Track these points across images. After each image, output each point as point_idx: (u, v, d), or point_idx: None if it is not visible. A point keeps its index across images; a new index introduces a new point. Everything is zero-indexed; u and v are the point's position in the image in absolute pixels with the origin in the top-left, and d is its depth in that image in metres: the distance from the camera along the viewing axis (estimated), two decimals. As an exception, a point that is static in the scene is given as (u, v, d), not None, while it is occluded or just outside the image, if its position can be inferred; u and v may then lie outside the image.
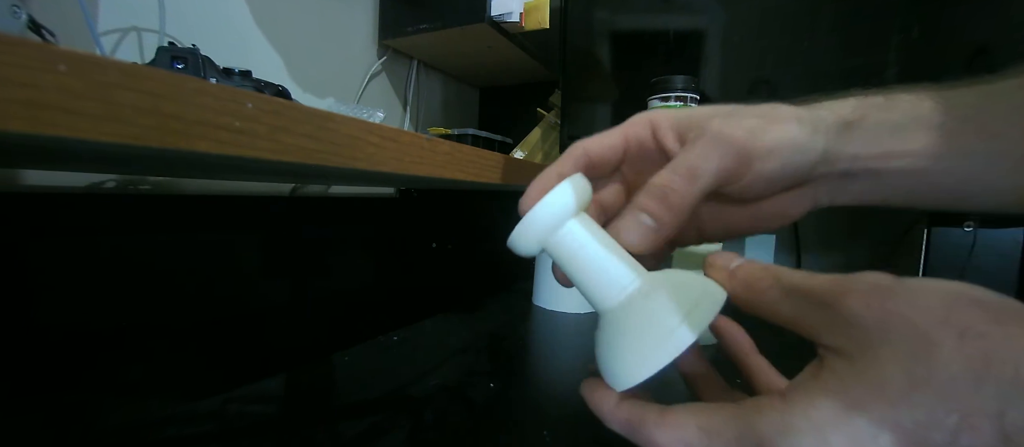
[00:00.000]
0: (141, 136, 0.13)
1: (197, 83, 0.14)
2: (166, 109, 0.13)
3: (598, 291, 0.21)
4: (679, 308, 0.19)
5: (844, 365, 0.15)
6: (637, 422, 0.19)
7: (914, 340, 0.14)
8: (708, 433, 0.17)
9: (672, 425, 0.18)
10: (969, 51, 0.80)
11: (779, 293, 0.18)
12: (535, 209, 0.21)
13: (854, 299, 0.15)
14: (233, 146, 0.15)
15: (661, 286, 0.20)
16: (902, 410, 0.13)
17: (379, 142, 0.22)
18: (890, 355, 0.14)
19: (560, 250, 0.22)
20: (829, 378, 0.15)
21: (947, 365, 0.13)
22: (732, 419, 0.17)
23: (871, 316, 0.15)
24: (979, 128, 0.21)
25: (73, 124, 0.11)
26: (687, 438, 0.17)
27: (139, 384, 0.44)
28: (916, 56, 0.83)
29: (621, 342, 0.20)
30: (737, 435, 0.16)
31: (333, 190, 0.68)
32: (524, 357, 0.61)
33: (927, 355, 0.13)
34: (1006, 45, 0.78)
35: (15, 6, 0.26)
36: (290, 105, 0.17)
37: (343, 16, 0.72)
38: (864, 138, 0.22)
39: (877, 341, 0.14)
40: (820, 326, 0.16)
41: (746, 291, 0.19)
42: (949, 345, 0.13)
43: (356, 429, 0.41)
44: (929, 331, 0.14)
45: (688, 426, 0.17)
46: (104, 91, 0.12)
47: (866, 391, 0.14)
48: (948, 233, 0.77)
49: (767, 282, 0.18)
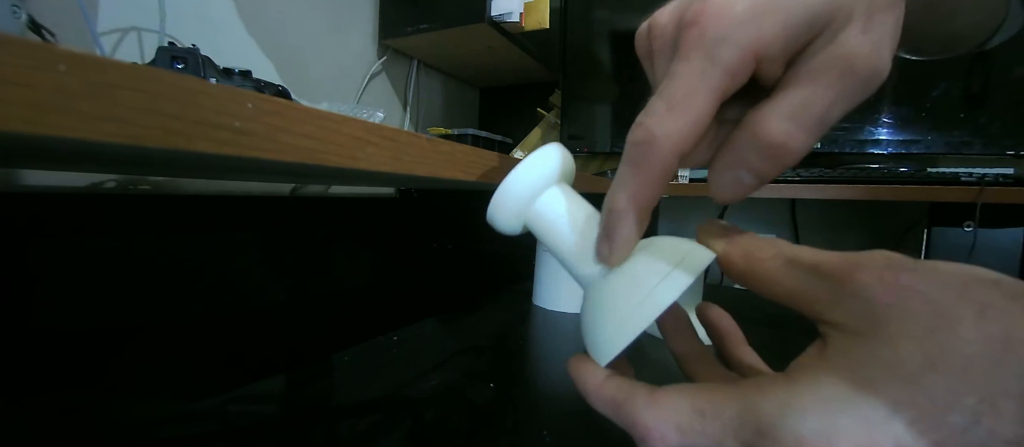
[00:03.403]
0: (141, 136, 0.13)
1: (197, 83, 0.14)
2: (166, 109, 0.13)
3: (579, 262, 0.20)
4: (659, 270, 0.17)
5: (852, 343, 0.14)
6: (624, 401, 0.17)
7: (930, 317, 0.13)
8: (702, 414, 0.16)
9: (663, 405, 0.16)
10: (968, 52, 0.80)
11: (781, 264, 0.16)
12: (514, 173, 0.20)
13: (865, 273, 0.14)
14: (233, 146, 0.15)
15: (642, 250, 0.19)
16: (918, 390, 0.12)
17: (379, 142, 0.22)
18: (904, 332, 0.13)
19: (540, 221, 0.21)
20: (836, 356, 0.14)
21: (966, 343, 0.12)
22: (730, 399, 0.15)
23: (883, 291, 0.14)
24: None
25: (73, 124, 0.11)
26: (679, 420, 0.16)
27: (139, 384, 0.44)
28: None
29: (601, 311, 0.19)
30: (736, 415, 0.15)
31: (333, 190, 0.68)
32: (524, 357, 0.61)
33: (945, 332, 0.12)
34: (1005, 46, 0.78)
35: (15, 6, 0.26)
36: (290, 105, 0.17)
37: (343, 16, 0.72)
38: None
39: (889, 318, 0.13)
40: (825, 301, 0.15)
41: (745, 259, 0.17)
42: (968, 322, 0.12)
43: (356, 429, 0.41)
44: (947, 307, 0.13)
45: (681, 406, 0.16)
46: (104, 91, 0.12)
47: (878, 370, 0.13)
48: (948, 233, 0.78)
49: (769, 252, 0.17)
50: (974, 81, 0.80)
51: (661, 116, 0.17)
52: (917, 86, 0.84)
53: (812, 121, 0.16)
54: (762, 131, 0.16)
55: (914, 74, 0.84)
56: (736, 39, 0.16)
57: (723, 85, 0.17)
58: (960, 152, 0.83)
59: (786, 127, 0.16)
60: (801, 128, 0.16)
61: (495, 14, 0.68)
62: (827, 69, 0.16)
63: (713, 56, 0.17)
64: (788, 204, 1.08)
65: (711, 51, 0.17)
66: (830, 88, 0.16)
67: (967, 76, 0.80)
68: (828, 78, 0.16)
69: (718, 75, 0.17)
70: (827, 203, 1.02)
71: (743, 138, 0.17)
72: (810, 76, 0.16)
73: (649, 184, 0.18)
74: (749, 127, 0.17)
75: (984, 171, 0.75)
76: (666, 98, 0.17)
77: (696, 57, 0.17)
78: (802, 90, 0.16)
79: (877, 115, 0.87)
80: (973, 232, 0.74)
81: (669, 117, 0.17)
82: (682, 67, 0.17)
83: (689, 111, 0.17)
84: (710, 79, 0.17)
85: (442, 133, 0.72)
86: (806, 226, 1.08)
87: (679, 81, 0.17)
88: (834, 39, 0.16)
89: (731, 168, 0.18)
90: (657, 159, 0.17)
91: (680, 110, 0.17)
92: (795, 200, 1.07)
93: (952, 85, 0.81)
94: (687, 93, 0.17)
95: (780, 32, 0.16)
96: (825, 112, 0.16)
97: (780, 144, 0.16)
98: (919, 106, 0.84)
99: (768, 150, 0.17)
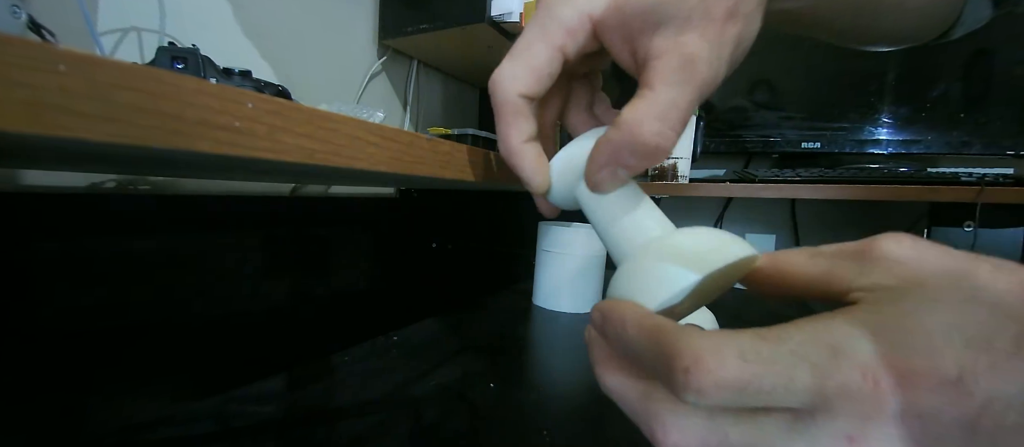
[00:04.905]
0: (141, 136, 0.13)
1: (197, 83, 0.14)
2: (166, 109, 0.13)
3: (624, 237, 0.21)
4: (693, 251, 0.18)
5: (885, 294, 0.15)
6: (671, 330, 0.15)
7: (950, 270, 0.14)
8: (766, 338, 0.14)
9: (719, 336, 0.14)
10: (968, 52, 0.80)
11: (806, 257, 0.17)
12: (567, 147, 0.22)
13: (886, 240, 0.15)
14: (233, 146, 0.15)
15: (685, 233, 0.19)
16: (965, 316, 0.13)
17: (379, 142, 0.22)
18: (933, 280, 0.14)
19: (589, 196, 0.22)
20: (881, 298, 0.15)
21: (989, 288, 0.13)
22: (794, 328, 0.14)
23: (904, 253, 0.15)
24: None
25: (73, 124, 0.11)
26: (741, 346, 0.14)
27: (139, 384, 0.44)
28: (916, 58, 0.83)
29: (628, 284, 0.19)
30: (807, 338, 0.14)
31: (333, 190, 0.68)
32: (524, 357, 0.61)
33: (968, 280, 0.14)
34: (1005, 46, 0.78)
35: (15, 6, 0.26)
36: (290, 105, 0.17)
37: (343, 16, 0.72)
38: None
39: (917, 271, 0.15)
40: (852, 272, 0.16)
41: (771, 261, 0.18)
42: (984, 274, 0.14)
43: (356, 429, 0.41)
44: (962, 263, 0.14)
45: (741, 336, 0.14)
46: (104, 91, 0.12)
47: (925, 303, 0.14)
48: (948, 233, 0.77)
49: (793, 252, 0.18)
50: (974, 81, 0.80)
51: (503, 65, 0.22)
52: (917, 86, 0.84)
53: (679, 121, 0.19)
54: (640, 136, 0.19)
55: (914, 74, 0.84)
56: (574, 3, 0.21)
57: (561, 40, 0.21)
58: (960, 152, 0.83)
59: (659, 128, 0.19)
60: (672, 128, 0.19)
61: (495, 14, 0.68)
62: (676, 68, 0.18)
63: (553, 15, 0.21)
64: (788, 204, 1.08)
65: (552, 10, 0.21)
66: (685, 87, 0.18)
67: (967, 76, 0.80)
68: (679, 77, 0.18)
69: (556, 30, 0.21)
70: (827, 203, 1.02)
71: (621, 139, 0.19)
72: (663, 75, 0.19)
73: (508, 126, 0.22)
74: (627, 129, 0.19)
75: (984, 171, 0.75)
76: (511, 51, 0.22)
77: (540, 16, 0.21)
78: (665, 92, 0.19)
79: (877, 115, 0.87)
80: (973, 232, 0.74)
81: (508, 64, 0.22)
82: (528, 26, 0.22)
83: (526, 59, 0.21)
84: (549, 34, 0.21)
85: (442, 133, 0.72)
86: (806, 226, 1.07)
87: (522, 36, 0.22)
88: (677, 39, 0.19)
89: (609, 165, 0.20)
90: (502, 98, 0.22)
91: (519, 58, 0.21)
92: (795, 200, 1.07)
93: (952, 85, 0.81)
94: (527, 45, 0.21)
95: (613, 8, 0.20)
96: (687, 111, 0.19)
97: (656, 146, 0.19)
98: (919, 106, 0.84)
99: (644, 151, 0.19)
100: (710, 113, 0.98)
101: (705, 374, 0.13)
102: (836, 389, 0.13)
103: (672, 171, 0.85)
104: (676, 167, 0.85)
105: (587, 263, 0.80)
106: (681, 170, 0.85)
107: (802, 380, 0.13)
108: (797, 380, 0.13)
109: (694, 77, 0.18)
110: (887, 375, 0.13)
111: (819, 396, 0.13)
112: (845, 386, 0.13)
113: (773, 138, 0.94)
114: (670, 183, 0.84)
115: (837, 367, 0.13)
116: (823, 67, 0.91)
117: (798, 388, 0.13)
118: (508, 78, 0.22)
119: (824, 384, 0.13)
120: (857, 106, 0.88)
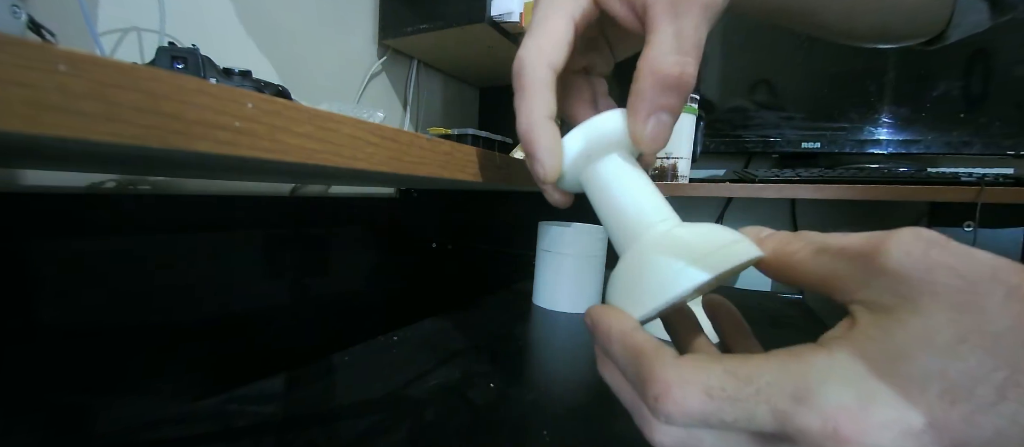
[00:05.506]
0: (141, 136, 0.13)
1: (197, 83, 0.14)
2: (166, 109, 0.13)
3: (626, 224, 0.21)
4: (700, 249, 0.18)
5: (884, 317, 0.14)
6: (650, 352, 0.16)
7: (960, 292, 0.13)
8: (735, 375, 0.15)
9: (692, 365, 0.15)
10: (968, 52, 0.80)
11: (810, 252, 0.17)
12: (574, 131, 0.22)
13: (895, 246, 0.14)
14: (233, 146, 0.15)
15: (690, 228, 0.19)
16: (950, 362, 0.13)
17: (379, 142, 0.22)
18: (935, 306, 0.13)
19: (602, 175, 0.22)
20: (870, 329, 0.14)
21: (994, 320, 0.13)
22: (765, 364, 0.15)
23: (913, 264, 0.14)
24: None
25: (73, 124, 0.11)
26: (709, 381, 0.15)
27: (139, 384, 0.44)
28: (915, 58, 0.83)
29: (632, 277, 0.19)
30: (773, 380, 0.14)
31: (333, 190, 0.68)
32: (524, 357, 0.61)
33: (975, 308, 0.13)
34: (1005, 46, 0.78)
35: (15, 6, 0.26)
36: (290, 105, 0.17)
37: (343, 16, 0.72)
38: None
39: (920, 291, 0.14)
40: (855, 280, 0.15)
41: (775, 253, 0.18)
42: (996, 300, 0.13)
43: (356, 429, 0.41)
44: (977, 285, 0.13)
45: (712, 368, 0.15)
46: (104, 91, 0.12)
47: (911, 341, 0.13)
48: (948, 233, 0.77)
49: (798, 243, 0.18)
50: (974, 81, 0.80)
51: (525, 43, 0.22)
52: (917, 86, 0.84)
53: (692, 46, 0.20)
54: (660, 70, 0.20)
55: (914, 74, 0.84)
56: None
57: (569, 8, 0.22)
58: (960, 152, 0.83)
59: (675, 58, 0.20)
60: (686, 54, 0.20)
61: (495, 14, 0.68)
62: (672, 1, 0.20)
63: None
64: (788, 204, 1.08)
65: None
66: (686, 17, 0.19)
67: (967, 76, 0.80)
68: (677, 8, 0.19)
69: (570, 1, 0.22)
70: (827, 203, 1.02)
71: (646, 83, 0.20)
72: (661, 12, 0.20)
73: (534, 97, 0.22)
74: (647, 70, 0.20)
75: (984, 171, 0.75)
76: (529, 30, 0.22)
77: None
78: (669, 26, 0.20)
79: (877, 115, 0.87)
80: (973, 232, 0.74)
81: (531, 40, 0.22)
82: (536, 5, 0.23)
83: (546, 31, 0.22)
84: (558, 4, 0.22)
85: (442, 133, 0.72)
86: (806, 226, 1.07)
87: (535, 15, 0.23)
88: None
89: (648, 115, 0.21)
90: (529, 73, 0.22)
91: (539, 32, 0.22)
92: (795, 200, 1.07)
93: (952, 85, 0.81)
94: (543, 18, 0.22)
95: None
96: (695, 35, 0.20)
97: (679, 74, 0.20)
98: (919, 106, 0.84)
99: (669, 82, 0.20)
100: (710, 113, 0.98)
101: (671, 404, 0.15)
102: (796, 432, 0.14)
103: (672, 171, 0.84)
104: (676, 167, 0.85)
105: (587, 263, 0.79)
106: (681, 170, 0.85)
107: (763, 419, 0.14)
108: (758, 418, 0.15)
109: (692, 3, 0.19)
110: (848, 424, 0.13)
111: (781, 431, 0.14)
112: (804, 430, 0.14)
113: (773, 138, 0.94)
114: (670, 183, 0.84)
115: (797, 413, 0.14)
116: (823, 67, 0.91)
117: (759, 424, 0.15)
118: (535, 51, 0.22)
119: (784, 426, 0.14)
120: (857, 106, 0.88)
